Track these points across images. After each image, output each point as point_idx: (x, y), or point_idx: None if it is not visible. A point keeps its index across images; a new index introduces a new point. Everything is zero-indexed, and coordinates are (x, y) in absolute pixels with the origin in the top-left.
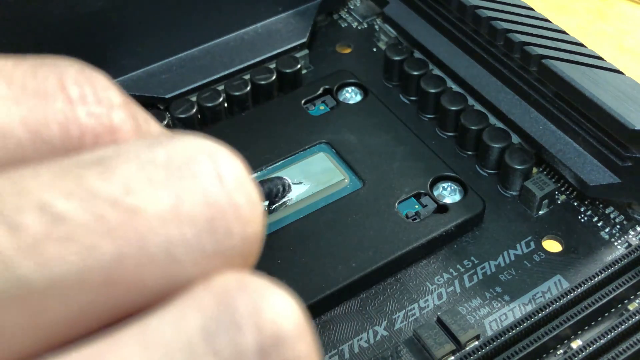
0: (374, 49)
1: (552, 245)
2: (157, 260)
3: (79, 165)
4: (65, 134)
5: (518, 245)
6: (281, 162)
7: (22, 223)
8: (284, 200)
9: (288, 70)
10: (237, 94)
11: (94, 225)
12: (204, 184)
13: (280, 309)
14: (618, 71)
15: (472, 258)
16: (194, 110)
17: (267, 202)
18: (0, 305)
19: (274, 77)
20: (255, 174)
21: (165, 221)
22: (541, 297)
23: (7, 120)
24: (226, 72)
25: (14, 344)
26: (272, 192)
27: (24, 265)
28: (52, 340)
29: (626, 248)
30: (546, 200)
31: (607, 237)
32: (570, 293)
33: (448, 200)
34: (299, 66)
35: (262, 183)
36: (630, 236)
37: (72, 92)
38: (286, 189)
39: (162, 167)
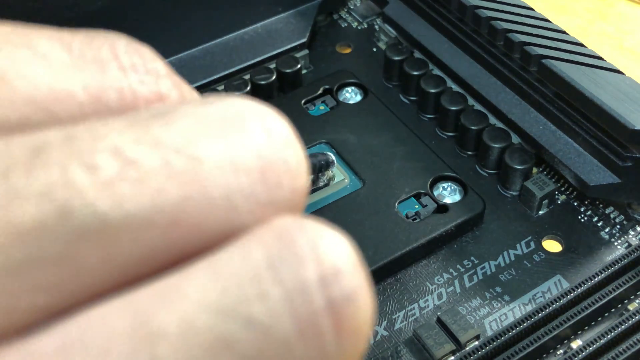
0: (374, 49)
1: (552, 245)
2: (218, 206)
3: (144, 117)
4: (121, 99)
5: (518, 245)
6: None
7: (99, 164)
8: (325, 178)
9: (288, 70)
10: (237, 94)
11: (162, 170)
12: (255, 138)
13: (336, 246)
14: (618, 71)
15: (472, 258)
16: None
17: (311, 177)
18: (80, 239)
19: (274, 77)
20: None
21: (223, 170)
22: (541, 297)
23: (69, 85)
24: (226, 72)
25: (92, 277)
26: (316, 167)
27: (102, 203)
28: (126, 276)
29: (626, 248)
30: (546, 200)
31: (607, 237)
32: (570, 293)
33: (448, 200)
34: (299, 66)
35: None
36: (630, 236)
37: (124, 61)
38: (329, 165)
39: (216, 122)
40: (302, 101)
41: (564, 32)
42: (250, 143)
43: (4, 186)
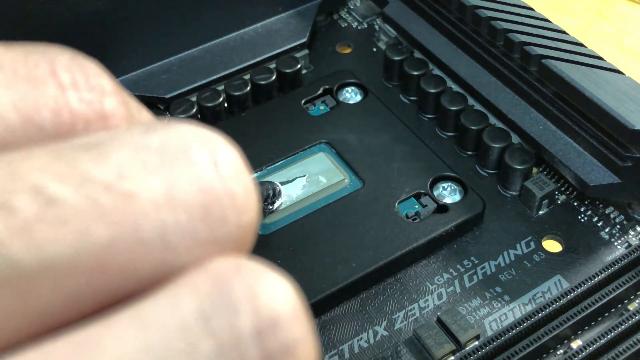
0: (374, 49)
1: (552, 245)
2: (151, 246)
3: (73, 149)
4: (56, 119)
5: (518, 245)
6: (281, 162)
7: (15, 205)
8: (275, 205)
9: (288, 70)
10: (237, 94)
11: (88, 209)
12: (199, 170)
13: (276, 292)
14: (618, 71)
15: (472, 258)
16: (194, 110)
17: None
18: None
19: (274, 77)
20: (255, 174)
21: (159, 206)
22: (541, 297)
23: None
24: (226, 72)
25: (5, 327)
26: (262, 196)
27: (17, 248)
28: (44, 324)
29: (626, 248)
30: (546, 200)
31: (607, 237)
32: (570, 293)
33: (448, 200)
34: (299, 66)
35: None
36: (630, 236)
37: (63, 78)
38: (276, 194)
39: (156, 153)
40: (302, 101)
41: (564, 32)
42: (192, 176)
43: None
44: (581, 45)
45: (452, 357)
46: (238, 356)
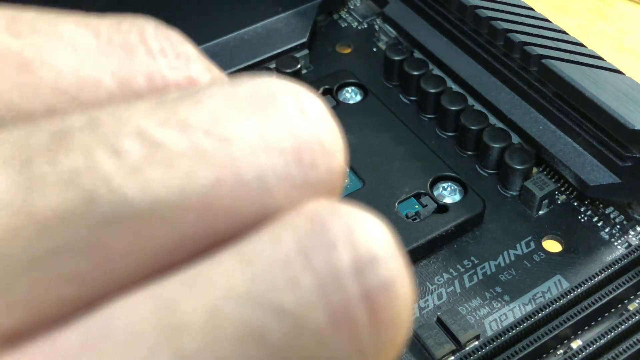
0: (374, 49)
1: (552, 245)
2: (250, 188)
3: (171, 98)
4: (150, 85)
5: (518, 245)
6: None
7: (124, 148)
8: None
9: (288, 70)
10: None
11: (190, 152)
12: (288, 117)
13: (372, 231)
14: (618, 71)
15: (472, 258)
16: None
17: None
18: (107, 227)
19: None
20: None
21: (254, 150)
22: (541, 297)
23: (97, 72)
24: (226, 72)
25: (119, 267)
26: None
27: (129, 188)
28: (154, 265)
29: (626, 248)
30: (546, 200)
31: (607, 237)
32: (570, 293)
33: (448, 200)
34: (299, 66)
35: None
36: (630, 236)
37: (152, 45)
38: None
39: (247, 100)
40: None
41: (564, 32)
42: (283, 122)
43: (26, 174)
44: (581, 45)
45: (452, 357)
46: (337, 291)
